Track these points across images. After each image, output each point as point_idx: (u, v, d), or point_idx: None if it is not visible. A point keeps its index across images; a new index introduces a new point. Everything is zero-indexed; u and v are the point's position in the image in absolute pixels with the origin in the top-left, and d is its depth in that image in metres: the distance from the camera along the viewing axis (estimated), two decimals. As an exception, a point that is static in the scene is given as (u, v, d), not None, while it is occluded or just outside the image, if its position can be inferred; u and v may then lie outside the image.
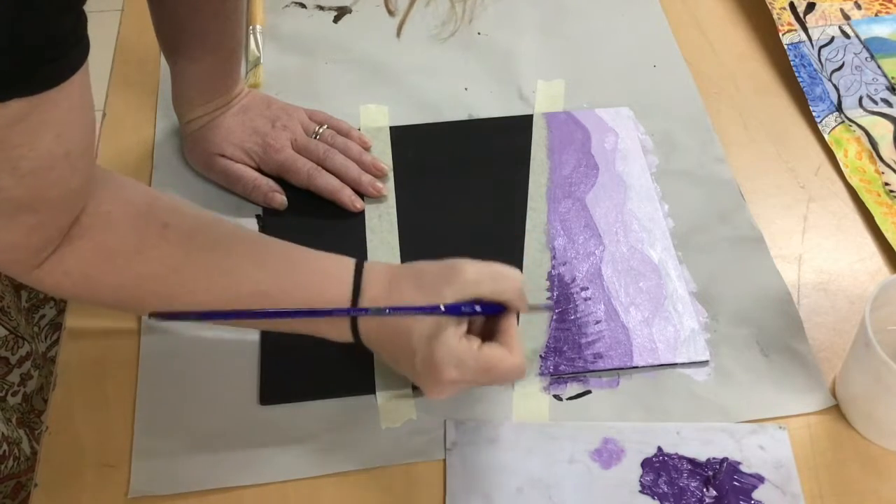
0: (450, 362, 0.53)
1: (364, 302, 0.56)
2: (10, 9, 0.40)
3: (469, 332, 0.56)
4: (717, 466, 0.60)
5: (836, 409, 0.63)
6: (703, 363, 0.65)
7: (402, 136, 0.79)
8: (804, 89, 0.82)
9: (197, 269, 0.56)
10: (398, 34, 0.87)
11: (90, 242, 0.54)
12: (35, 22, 0.41)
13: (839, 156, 0.77)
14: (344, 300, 0.57)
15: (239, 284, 0.57)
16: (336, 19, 0.91)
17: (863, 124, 0.79)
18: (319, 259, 0.59)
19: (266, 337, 0.66)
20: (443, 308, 0.54)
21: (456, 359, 0.53)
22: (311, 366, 0.65)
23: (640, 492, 0.59)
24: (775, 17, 0.87)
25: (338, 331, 0.58)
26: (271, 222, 0.73)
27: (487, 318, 0.57)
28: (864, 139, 0.78)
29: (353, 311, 0.56)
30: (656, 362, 0.65)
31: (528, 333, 0.66)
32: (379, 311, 0.55)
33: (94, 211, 0.54)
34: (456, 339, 0.54)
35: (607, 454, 0.61)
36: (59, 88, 0.45)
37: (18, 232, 0.50)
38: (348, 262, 0.58)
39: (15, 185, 0.47)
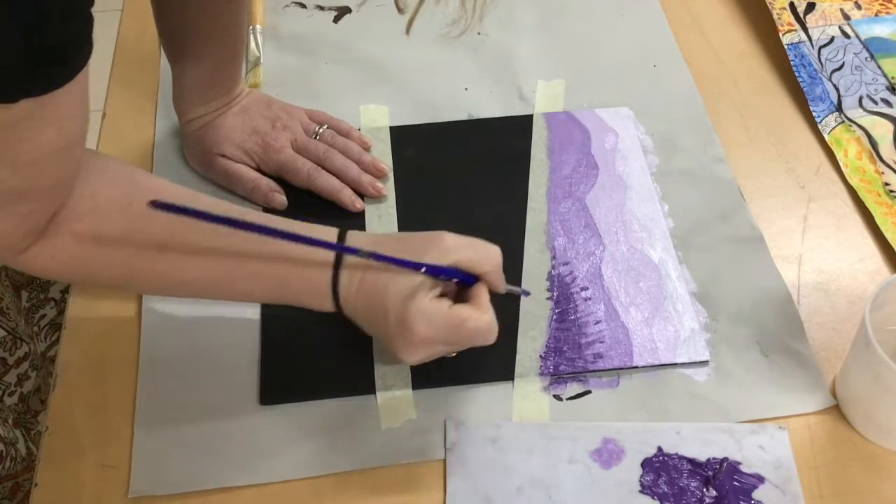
0: (420, 319, 0.55)
1: (346, 267, 0.57)
2: (22, 13, 0.41)
3: (443, 296, 0.57)
4: (717, 466, 0.60)
5: (836, 409, 0.63)
6: (703, 363, 0.65)
7: (402, 136, 0.79)
8: (804, 89, 0.82)
9: (184, 247, 0.57)
10: (407, 31, 0.87)
11: (77, 226, 0.54)
12: (45, 25, 0.42)
13: (839, 156, 0.77)
14: (328, 264, 0.57)
15: (226, 257, 0.57)
16: (336, 19, 0.91)
17: (863, 124, 0.79)
18: (304, 226, 0.60)
19: (266, 337, 0.66)
20: (423, 269, 0.55)
21: (427, 316, 0.55)
22: (311, 366, 0.65)
23: (640, 492, 0.59)
24: (775, 17, 0.87)
25: (319, 297, 0.58)
26: (271, 222, 0.73)
27: (461, 288, 0.58)
28: (864, 139, 0.78)
29: (342, 248, 0.57)
30: (656, 362, 0.65)
31: (528, 333, 0.66)
32: (365, 255, 0.56)
33: (80, 193, 0.54)
34: (427, 299, 0.55)
35: (607, 454, 0.61)
36: (65, 87, 0.46)
37: (10, 221, 0.51)
38: (332, 230, 0.59)
39: (11, 176, 0.48)
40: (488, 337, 0.57)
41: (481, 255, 0.58)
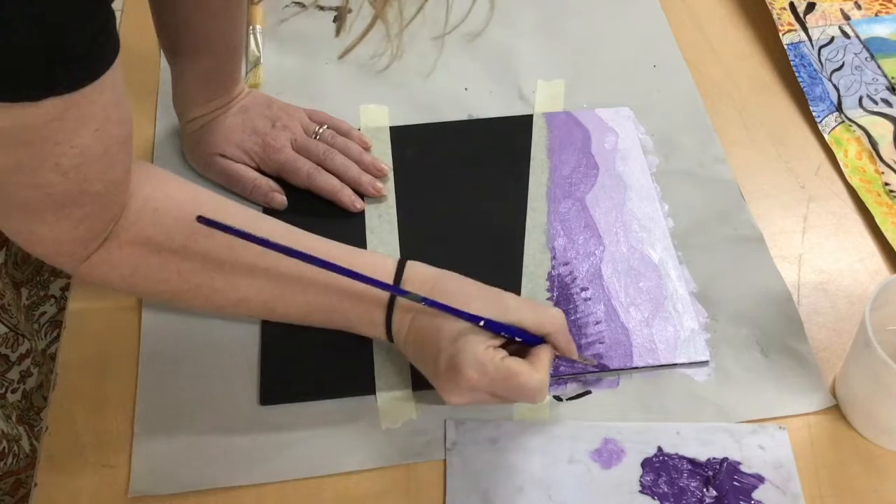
0: (471, 365, 0.54)
1: (401, 306, 0.58)
2: (39, 10, 0.41)
3: (498, 348, 0.57)
4: (717, 466, 0.60)
5: (836, 409, 0.63)
6: (703, 363, 0.65)
7: (402, 136, 0.79)
8: (804, 89, 0.82)
9: (241, 266, 0.57)
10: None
11: (137, 237, 0.55)
12: (65, 20, 0.42)
13: (839, 156, 0.77)
14: (383, 301, 0.58)
15: (283, 281, 0.58)
16: (336, 19, 0.91)
17: (863, 124, 0.79)
18: (362, 255, 0.60)
19: (266, 337, 0.66)
20: (482, 323, 0.55)
21: (478, 362, 0.54)
22: (311, 366, 0.65)
23: (640, 492, 0.59)
24: (775, 17, 0.87)
25: (371, 324, 0.59)
26: (271, 222, 0.73)
27: (522, 347, 0.58)
28: (864, 139, 0.78)
29: (394, 290, 0.57)
30: (656, 363, 0.65)
31: (528, 333, 0.66)
32: (417, 298, 0.56)
33: (141, 206, 0.55)
34: (483, 346, 0.55)
35: (607, 454, 0.61)
36: (94, 85, 0.46)
37: (65, 226, 0.52)
38: (390, 260, 0.60)
39: (59, 181, 0.48)
40: (537, 396, 0.56)
41: (543, 317, 0.57)
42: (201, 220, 0.53)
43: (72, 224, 0.52)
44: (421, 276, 0.59)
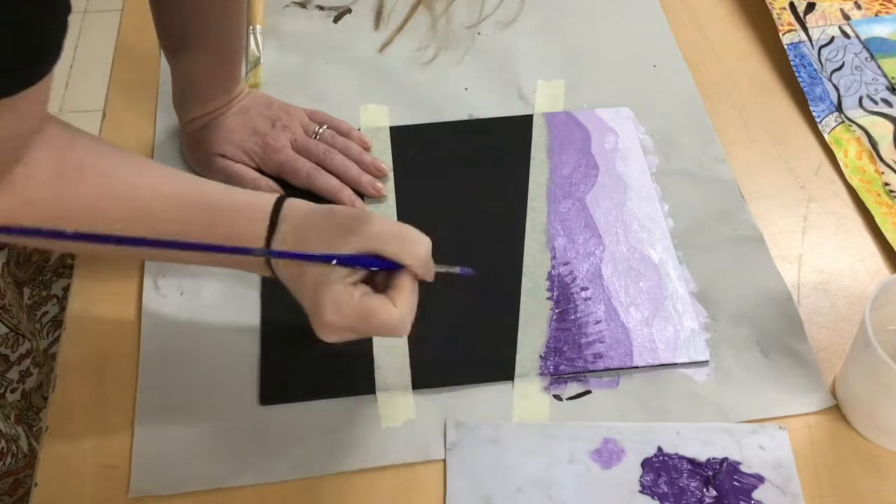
0: (329, 305, 0.54)
1: (277, 238, 0.57)
2: None
3: (369, 284, 0.56)
4: (717, 466, 0.60)
5: (836, 409, 0.63)
6: (703, 363, 0.65)
7: (402, 136, 0.79)
8: (804, 89, 0.82)
9: (113, 210, 0.56)
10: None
11: (10, 192, 0.54)
12: (20, 32, 0.43)
13: (839, 156, 0.77)
14: (259, 236, 0.57)
15: (157, 222, 0.57)
16: (336, 19, 0.91)
17: (863, 124, 0.79)
18: (244, 194, 0.59)
19: (266, 337, 0.66)
20: (334, 261, 0.54)
21: (336, 303, 0.54)
22: (311, 366, 0.65)
23: (640, 492, 0.59)
24: (775, 17, 0.87)
25: (255, 264, 0.58)
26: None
27: (387, 273, 0.57)
28: (864, 139, 0.78)
29: (241, 250, 0.56)
30: (656, 362, 0.65)
31: (528, 333, 0.66)
32: (266, 253, 0.55)
33: (21, 160, 0.54)
34: (340, 285, 0.54)
35: (607, 454, 0.61)
36: (31, 89, 0.47)
37: None
38: (269, 198, 0.58)
39: None
40: (398, 331, 0.55)
41: (406, 246, 0.56)
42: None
43: None
44: (297, 213, 0.58)
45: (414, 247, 0.56)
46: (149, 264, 0.70)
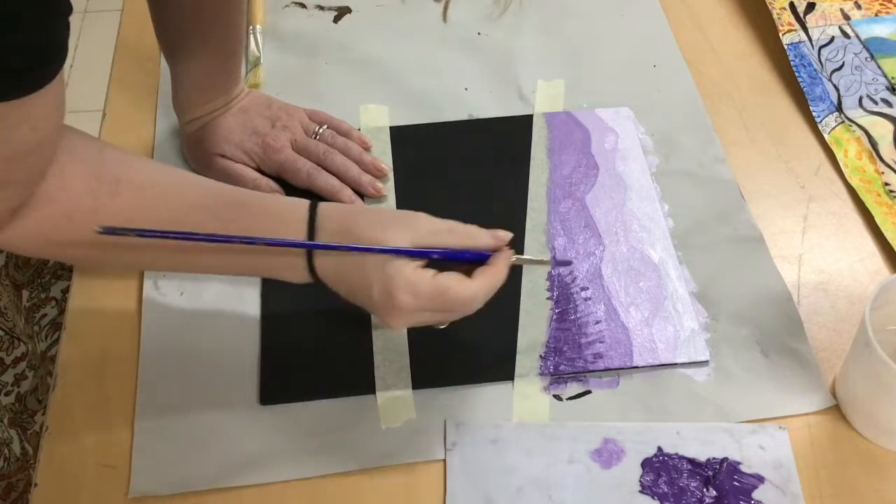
0: (404, 289, 0.54)
1: (322, 238, 0.57)
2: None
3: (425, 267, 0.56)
4: (717, 466, 0.60)
5: (836, 409, 0.63)
6: (703, 363, 0.65)
7: (402, 136, 0.79)
8: (804, 89, 0.82)
9: (151, 223, 0.56)
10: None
11: (48, 207, 0.54)
12: (18, 34, 0.43)
13: (839, 156, 0.77)
14: (300, 253, 0.57)
15: (197, 248, 0.57)
16: (336, 19, 0.91)
17: (863, 124, 0.79)
18: (274, 201, 0.60)
19: (266, 337, 0.66)
20: (435, 257, 0.55)
21: (411, 284, 0.54)
22: (311, 366, 0.65)
23: (640, 492, 0.59)
24: (775, 17, 0.87)
25: (294, 270, 0.58)
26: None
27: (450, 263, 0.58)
28: (864, 139, 0.78)
29: (307, 245, 0.56)
30: (656, 362, 0.65)
31: (528, 333, 0.66)
32: (331, 247, 0.55)
33: (50, 172, 0.54)
34: (410, 268, 0.55)
35: (607, 454, 0.61)
36: (40, 92, 0.46)
37: None
38: (302, 204, 0.58)
39: None
40: (471, 305, 0.56)
41: (474, 235, 0.58)
42: (106, 230, 0.53)
43: None
44: (335, 214, 0.58)
45: (480, 234, 0.58)
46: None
